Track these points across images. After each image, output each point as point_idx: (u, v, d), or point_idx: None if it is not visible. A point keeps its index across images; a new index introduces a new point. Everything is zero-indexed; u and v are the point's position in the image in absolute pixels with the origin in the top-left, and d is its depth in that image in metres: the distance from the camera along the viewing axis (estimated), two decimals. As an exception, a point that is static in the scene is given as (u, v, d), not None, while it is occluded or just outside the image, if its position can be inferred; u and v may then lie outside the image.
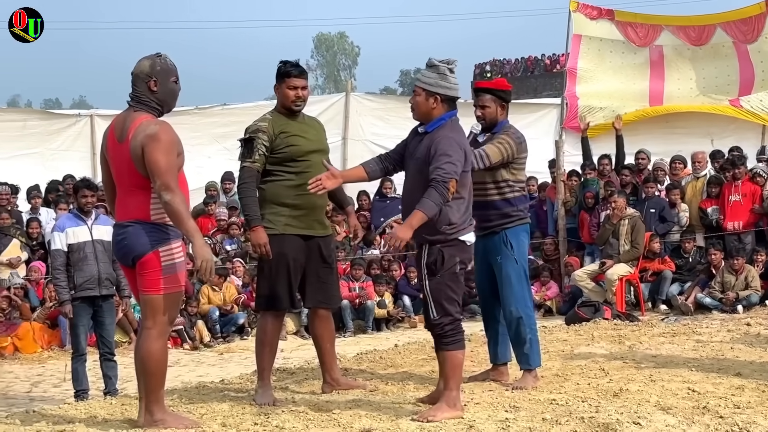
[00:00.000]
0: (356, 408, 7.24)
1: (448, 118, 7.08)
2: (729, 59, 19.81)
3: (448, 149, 6.85)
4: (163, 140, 6.52)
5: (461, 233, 6.97)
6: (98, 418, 7.29)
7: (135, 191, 6.65)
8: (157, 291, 6.63)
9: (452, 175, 6.78)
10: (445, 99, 7.08)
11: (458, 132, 7.06)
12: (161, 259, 6.60)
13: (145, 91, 6.75)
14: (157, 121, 6.68)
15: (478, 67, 67.18)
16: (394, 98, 26.26)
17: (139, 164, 6.53)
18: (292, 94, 7.94)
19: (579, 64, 20.13)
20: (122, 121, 6.75)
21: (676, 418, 6.65)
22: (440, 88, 7.07)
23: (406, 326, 16.68)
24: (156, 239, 6.61)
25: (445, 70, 7.08)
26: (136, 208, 6.66)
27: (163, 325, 6.71)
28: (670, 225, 16.78)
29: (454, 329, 6.96)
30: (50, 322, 15.32)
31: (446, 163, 6.79)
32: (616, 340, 10.92)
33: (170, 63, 6.87)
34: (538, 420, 6.67)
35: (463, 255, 7.02)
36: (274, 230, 7.83)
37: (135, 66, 6.82)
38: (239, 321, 16.12)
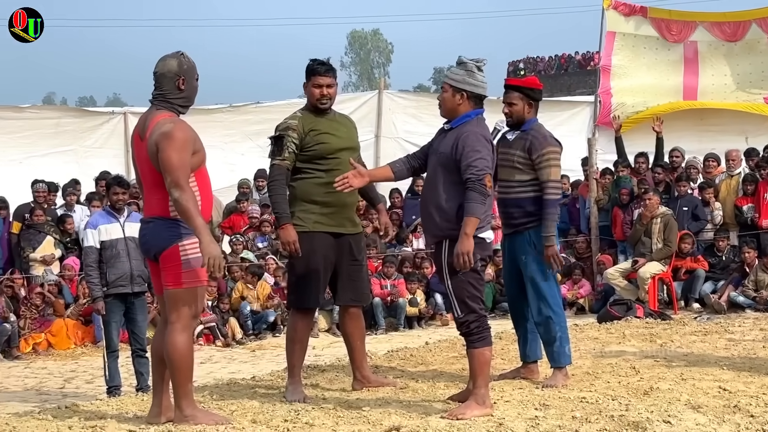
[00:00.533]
0: (386, 405, 7.25)
1: (474, 115, 7.09)
2: (764, 55, 19.75)
3: (477, 144, 6.87)
4: (177, 138, 6.56)
5: (480, 230, 6.94)
6: (129, 414, 7.33)
7: (155, 188, 6.72)
8: (179, 285, 6.68)
9: (486, 170, 6.83)
10: (471, 96, 7.08)
11: (484, 128, 7.08)
12: (181, 254, 6.66)
13: (172, 90, 6.78)
14: (173, 120, 6.72)
15: (511, 65, 67.18)
16: (427, 95, 26.16)
17: (155, 161, 6.60)
18: (317, 92, 7.96)
19: (613, 61, 20.12)
20: (144, 120, 6.82)
21: (707, 417, 6.62)
22: (467, 84, 7.07)
23: (438, 324, 16.67)
24: (176, 234, 6.68)
25: (472, 68, 7.09)
26: (157, 204, 6.74)
27: (187, 319, 6.75)
28: (703, 223, 16.71)
29: (480, 326, 6.95)
30: (84, 319, 15.41)
31: (478, 160, 6.81)
32: (647, 338, 10.87)
33: (192, 61, 6.91)
34: (567, 418, 6.65)
35: (482, 252, 7.01)
36: (304, 228, 7.85)
37: (159, 65, 6.83)
38: (270, 318, 16.13)
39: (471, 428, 6.43)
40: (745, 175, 16.84)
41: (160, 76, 6.81)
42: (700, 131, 19.94)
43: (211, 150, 18.47)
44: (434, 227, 7.01)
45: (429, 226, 7.23)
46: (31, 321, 15.06)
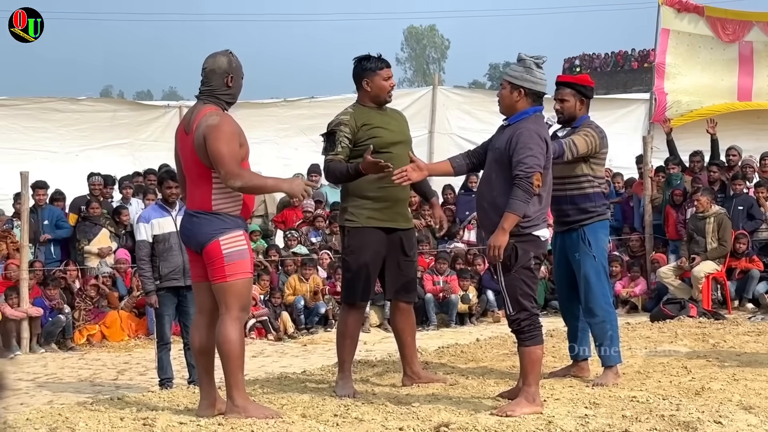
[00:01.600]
0: (435, 402, 7.26)
1: (532, 112, 7.06)
2: (818, 54, 19.60)
3: (530, 142, 6.84)
4: (225, 130, 6.68)
5: (535, 228, 6.93)
6: (180, 406, 7.39)
7: (199, 181, 6.84)
8: (223, 278, 6.78)
9: (535, 168, 6.78)
10: (529, 93, 7.05)
11: (541, 126, 7.04)
12: (222, 248, 6.76)
13: (221, 86, 6.90)
14: (219, 113, 6.83)
15: (567, 62, 66.83)
16: (481, 92, 26.29)
17: (202, 154, 6.71)
18: (388, 85, 7.99)
19: (667, 60, 20.09)
20: (190, 114, 6.94)
21: (759, 418, 6.56)
22: (525, 81, 7.05)
23: (489, 320, 16.67)
24: (217, 229, 6.78)
25: (531, 65, 7.07)
26: (200, 197, 6.84)
27: (236, 311, 6.84)
28: (758, 223, 16.57)
29: (531, 324, 6.93)
30: (137, 311, 15.57)
31: (528, 157, 6.79)
32: (699, 338, 10.79)
33: (239, 61, 7.03)
34: (617, 417, 6.62)
35: (537, 250, 6.99)
36: (357, 223, 7.86)
37: (209, 61, 6.94)
38: (321, 310, 16.19)
39: (520, 426, 6.42)
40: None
41: (210, 72, 6.92)
42: (757, 130, 19.83)
43: (265, 144, 18.67)
44: (488, 223, 7.00)
45: (483, 221, 7.23)
46: (85, 312, 15.23)
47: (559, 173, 7.91)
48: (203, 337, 7.03)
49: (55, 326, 14.75)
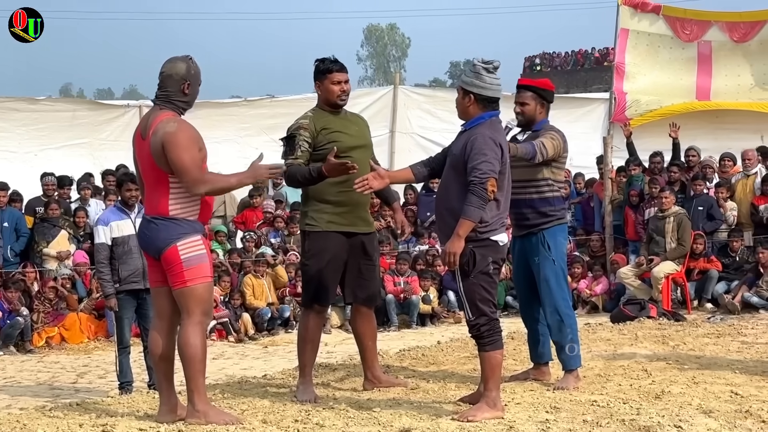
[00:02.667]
0: (397, 407, 7.25)
1: (487, 117, 7.04)
2: (777, 55, 19.72)
3: (484, 147, 6.82)
4: (183, 137, 6.68)
5: (493, 233, 6.94)
6: (140, 412, 7.34)
7: (156, 186, 6.82)
8: (183, 284, 6.77)
9: (489, 174, 6.77)
10: (480, 98, 7.04)
11: (496, 131, 7.02)
12: (181, 254, 6.75)
13: (177, 92, 6.88)
14: (176, 119, 6.82)
15: (527, 60, 67.03)
16: (442, 91, 26.19)
17: (159, 160, 6.70)
18: (337, 89, 7.95)
19: (626, 59, 20.17)
20: (146, 119, 6.92)
21: (718, 422, 6.59)
22: (474, 87, 7.03)
23: (450, 321, 16.67)
24: (174, 234, 6.77)
25: (480, 70, 7.03)
26: (157, 203, 6.82)
27: (198, 315, 6.82)
28: (718, 223, 16.64)
29: (491, 329, 6.92)
30: (97, 313, 15.47)
31: (482, 163, 6.78)
32: (659, 340, 10.84)
33: (198, 67, 7.03)
34: (578, 422, 6.64)
35: (495, 255, 6.99)
36: (317, 227, 7.86)
37: (167, 66, 6.92)
38: (285, 314, 16.15)
39: (482, 430, 6.43)
40: (765, 175, 16.74)
41: (167, 77, 6.90)
42: (716, 130, 19.92)
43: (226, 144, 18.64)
44: (446, 228, 6.99)
45: (441, 227, 7.23)
46: (44, 315, 15.12)
47: (520, 177, 7.90)
48: (163, 342, 7.00)
49: (13, 329, 14.62)
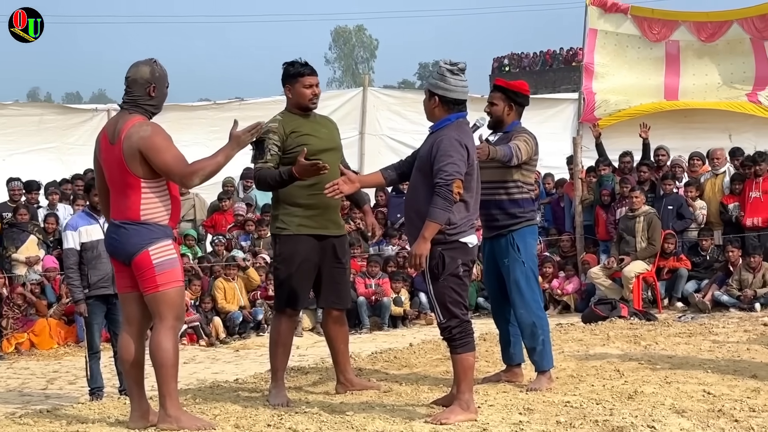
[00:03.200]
0: (369, 410, 7.23)
1: (453, 119, 7.02)
2: (745, 55, 19.88)
3: (450, 149, 6.80)
4: (159, 140, 6.71)
5: (462, 235, 6.91)
6: (111, 418, 7.29)
7: (126, 191, 6.78)
8: (155, 289, 6.76)
9: (455, 176, 6.74)
10: (445, 100, 7.03)
11: (462, 132, 6.98)
12: (152, 258, 6.74)
13: (143, 96, 6.89)
14: (147, 123, 6.84)
15: (496, 61, 67.18)
16: (412, 92, 26.21)
17: (132, 164, 6.69)
18: (309, 92, 7.94)
19: (595, 59, 20.23)
20: (114, 124, 6.90)
21: (691, 422, 6.60)
22: (439, 89, 7.02)
23: (422, 323, 16.65)
24: (146, 239, 6.75)
25: (445, 71, 7.01)
26: (128, 208, 6.79)
27: (171, 320, 6.82)
28: (687, 222, 16.68)
29: (462, 332, 6.90)
30: (67, 318, 15.37)
31: (448, 164, 6.75)
32: (631, 340, 10.87)
33: (164, 70, 7.03)
34: (551, 423, 6.64)
35: (465, 257, 6.96)
36: (288, 231, 7.84)
37: (132, 70, 6.93)
38: (258, 317, 16.10)
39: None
40: (733, 174, 16.82)
41: (132, 82, 6.91)
42: (684, 129, 19.99)
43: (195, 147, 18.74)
44: (414, 231, 6.96)
45: (410, 229, 7.22)
46: (13, 321, 15.00)
47: (489, 178, 7.89)
48: (133, 348, 6.99)
49: (-19, 335, 14.53)
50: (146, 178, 6.72)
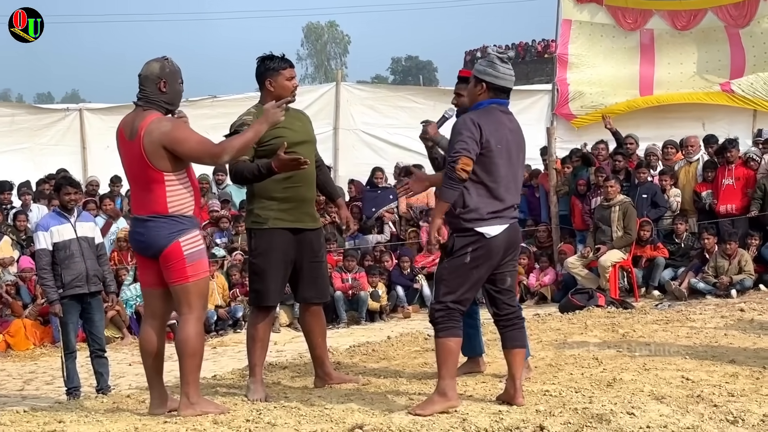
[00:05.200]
0: (348, 403, 7.22)
1: (486, 104, 6.98)
2: (720, 44, 19.89)
3: (461, 128, 6.76)
4: (180, 132, 6.92)
5: (480, 224, 6.79)
6: (89, 417, 7.23)
7: (150, 186, 6.95)
8: (185, 279, 6.96)
9: (461, 152, 6.66)
10: (492, 87, 6.97)
11: (485, 115, 6.89)
12: (183, 249, 6.93)
13: (154, 92, 7.05)
14: (166, 118, 7.02)
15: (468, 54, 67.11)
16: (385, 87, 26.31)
17: (155, 158, 6.85)
18: (291, 85, 7.97)
19: (569, 50, 20.23)
20: (132, 120, 7.04)
21: (670, 408, 6.61)
22: (487, 75, 6.97)
23: (399, 316, 16.64)
24: (176, 230, 6.93)
25: (494, 59, 7.01)
26: (153, 202, 6.95)
27: (199, 310, 7.08)
28: (662, 210, 16.71)
29: (445, 316, 6.80)
30: (42, 319, 15.28)
31: (457, 143, 6.71)
32: (609, 328, 10.88)
33: (177, 65, 7.20)
34: (531, 412, 6.62)
35: (477, 249, 6.80)
36: (263, 225, 7.82)
37: (144, 68, 7.10)
38: (237, 314, 16.03)
39: (434, 425, 6.37)
40: (705, 162, 16.88)
41: (144, 79, 7.08)
42: (658, 119, 20.01)
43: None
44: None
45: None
46: (-12, 321, 14.92)
47: None
48: (155, 340, 7.24)
49: (-43, 337, 14.45)
50: (169, 171, 6.89)
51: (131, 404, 7.82)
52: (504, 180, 6.90)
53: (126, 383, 11.35)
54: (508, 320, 7.07)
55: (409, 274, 17.05)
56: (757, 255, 15.64)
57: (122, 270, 15.99)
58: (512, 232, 6.98)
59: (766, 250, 15.67)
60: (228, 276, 16.53)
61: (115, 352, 13.55)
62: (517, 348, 7.06)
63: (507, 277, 7.05)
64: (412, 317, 16.22)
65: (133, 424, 6.72)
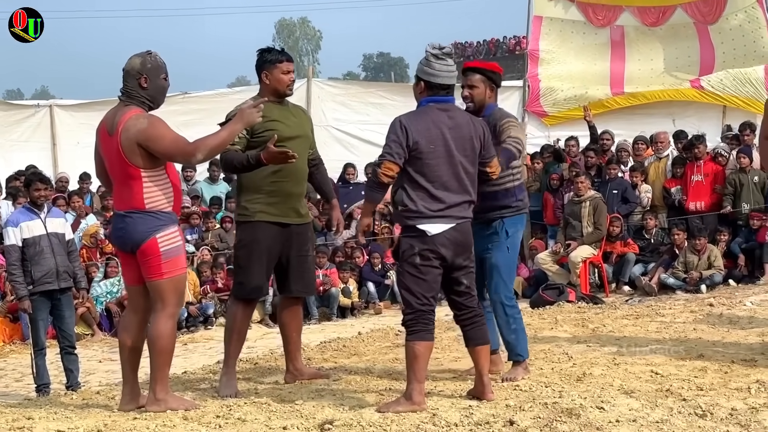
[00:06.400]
0: (319, 398, 7.21)
1: (424, 103, 6.94)
2: (690, 40, 20.04)
3: (390, 132, 6.75)
4: (156, 129, 6.89)
5: (420, 222, 6.75)
6: (58, 414, 7.20)
7: (128, 182, 6.94)
8: (160, 276, 6.95)
9: (385, 157, 6.70)
10: (430, 85, 6.92)
11: (418, 115, 6.87)
12: (160, 245, 6.92)
13: (135, 87, 7.05)
14: (145, 115, 7.01)
15: (440, 51, 67.00)
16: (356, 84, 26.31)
17: (131, 155, 6.86)
18: (287, 79, 7.96)
19: (540, 46, 20.31)
20: (113, 116, 7.04)
21: (640, 402, 6.63)
22: (423, 74, 6.95)
23: (371, 312, 16.64)
24: (153, 226, 6.93)
25: (429, 56, 6.95)
26: (131, 197, 6.95)
27: (172, 307, 7.05)
28: (632, 206, 16.78)
29: (413, 320, 6.78)
30: (11, 316, 15.19)
31: (384, 146, 6.75)
32: (579, 323, 10.91)
33: (160, 60, 7.18)
34: (501, 406, 6.64)
35: (422, 245, 6.77)
36: (248, 218, 7.85)
37: (126, 63, 7.11)
38: (209, 311, 15.97)
39: (405, 420, 6.38)
40: (674, 158, 16.96)
41: (125, 74, 7.09)
42: (629, 114, 20.12)
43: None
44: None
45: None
46: (-43, 319, 14.84)
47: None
48: (135, 335, 7.21)
49: (-75, 334, 14.37)
50: (146, 167, 6.88)
51: (101, 401, 7.79)
52: (442, 179, 6.82)
53: (96, 380, 11.32)
54: (468, 319, 7.03)
55: (380, 270, 17.06)
56: (726, 250, 15.72)
57: (93, 266, 15.94)
58: (461, 233, 6.90)
59: (736, 246, 15.75)
60: (199, 273, 16.49)
61: (85, 349, 13.49)
62: (480, 345, 7.03)
63: (462, 279, 6.97)
64: (383, 313, 16.22)
65: (102, 420, 6.69)
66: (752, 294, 13.08)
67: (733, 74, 19.54)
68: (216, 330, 15.25)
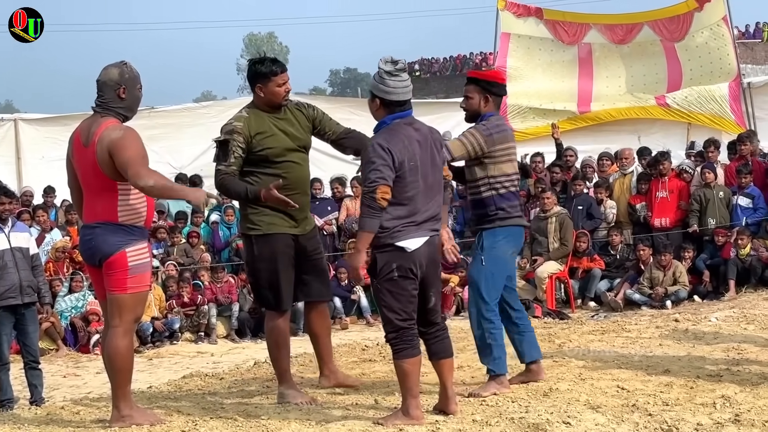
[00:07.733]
0: (285, 413, 7.19)
1: (389, 121, 6.85)
2: (657, 57, 20.19)
3: (372, 155, 6.65)
4: (129, 139, 6.77)
5: (398, 238, 6.69)
6: (21, 429, 7.15)
7: (102, 194, 6.86)
8: (123, 290, 6.86)
9: (378, 182, 6.58)
10: (385, 103, 6.84)
11: (393, 135, 6.76)
12: (129, 260, 6.85)
13: (113, 98, 6.96)
14: (121, 126, 6.90)
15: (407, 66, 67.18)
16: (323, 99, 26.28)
17: (106, 167, 6.76)
18: (282, 91, 7.76)
19: (508, 63, 20.38)
20: (88, 127, 6.95)
21: (606, 417, 6.65)
22: (378, 91, 6.86)
23: (337, 328, 16.56)
24: (123, 240, 6.84)
25: (382, 73, 6.86)
26: (104, 210, 6.87)
27: (129, 323, 6.96)
28: (597, 222, 16.84)
29: (396, 338, 6.75)
30: (-25, 331, 15.06)
31: (370, 172, 6.61)
32: (545, 338, 10.89)
33: (135, 71, 7.12)
34: (468, 422, 6.64)
35: (401, 261, 6.70)
36: (260, 231, 7.68)
37: (102, 73, 7.01)
38: (174, 326, 15.86)
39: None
40: (639, 174, 17.03)
41: (102, 85, 6.99)
42: (594, 131, 20.23)
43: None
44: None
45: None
46: None
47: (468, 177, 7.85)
48: None
49: None
50: (121, 180, 6.78)
51: (65, 416, 7.72)
52: (419, 193, 6.80)
53: (60, 395, 11.25)
54: (432, 335, 7.01)
55: (346, 285, 17.01)
56: (691, 266, 15.78)
57: (57, 281, 15.84)
58: (431, 246, 6.89)
59: (701, 262, 15.82)
60: (165, 287, 16.42)
61: (50, 364, 13.40)
62: (443, 359, 7.02)
63: (431, 296, 6.93)
64: (350, 328, 16.18)
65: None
66: (717, 310, 13.12)
67: (698, 91, 19.70)
68: (182, 345, 15.19)
